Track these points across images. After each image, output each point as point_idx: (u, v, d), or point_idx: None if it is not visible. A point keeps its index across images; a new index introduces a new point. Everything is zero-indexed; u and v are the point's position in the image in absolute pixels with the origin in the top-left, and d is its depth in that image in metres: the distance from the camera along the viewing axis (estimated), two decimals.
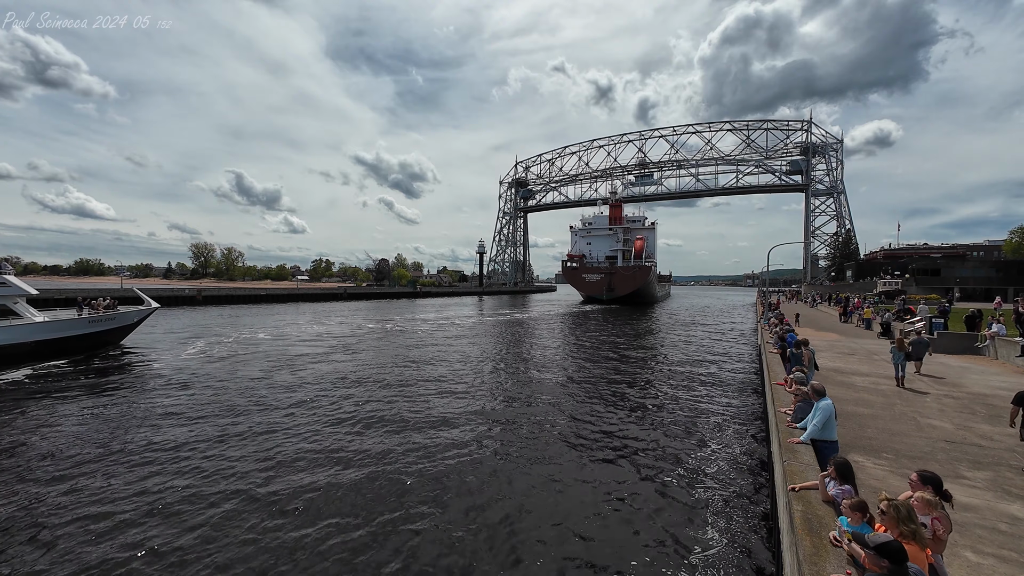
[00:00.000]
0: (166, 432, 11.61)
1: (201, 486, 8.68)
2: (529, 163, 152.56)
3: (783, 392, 10.08)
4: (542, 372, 20.70)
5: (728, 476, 9.66)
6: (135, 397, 14.87)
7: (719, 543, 7.16)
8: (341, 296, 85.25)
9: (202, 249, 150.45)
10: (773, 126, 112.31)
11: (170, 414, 13.08)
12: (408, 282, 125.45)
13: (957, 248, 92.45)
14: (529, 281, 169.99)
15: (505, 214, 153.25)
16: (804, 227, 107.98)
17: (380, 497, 8.44)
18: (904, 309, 27.81)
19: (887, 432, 8.28)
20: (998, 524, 5.14)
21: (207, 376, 18.06)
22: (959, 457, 7.15)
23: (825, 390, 7.26)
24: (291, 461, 9.93)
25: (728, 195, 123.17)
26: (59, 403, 14.12)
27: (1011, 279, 55.91)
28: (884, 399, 10.60)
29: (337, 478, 9.13)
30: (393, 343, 29.01)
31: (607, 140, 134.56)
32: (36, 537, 7.02)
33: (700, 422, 13.44)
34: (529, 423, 13.14)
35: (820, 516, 4.78)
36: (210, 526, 7.32)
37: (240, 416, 13.03)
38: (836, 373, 13.42)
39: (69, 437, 11.23)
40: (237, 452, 10.40)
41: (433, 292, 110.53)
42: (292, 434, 11.60)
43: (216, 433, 11.59)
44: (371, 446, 10.93)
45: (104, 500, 8.12)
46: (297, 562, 6.50)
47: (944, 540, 3.83)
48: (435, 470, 9.66)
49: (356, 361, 22.35)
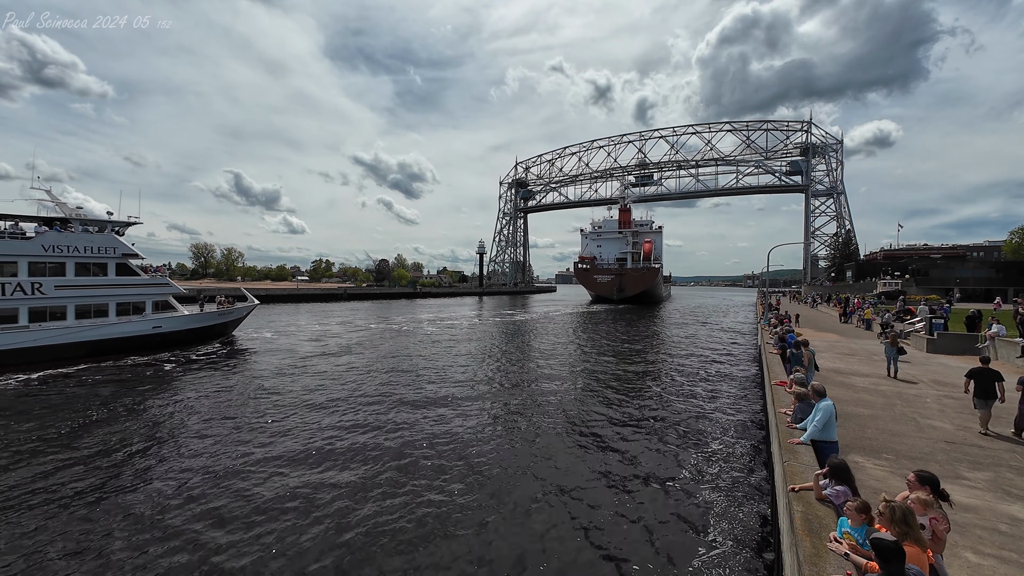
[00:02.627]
0: (278, 400, 15.49)
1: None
2: (529, 163, 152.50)
3: (783, 393, 10.08)
4: (551, 371, 20.72)
5: (729, 476, 9.65)
6: (255, 373, 19.71)
7: (720, 543, 7.16)
8: (341, 296, 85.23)
9: (202, 249, 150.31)
10: (773, 126, 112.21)
11: (277, 391, 16.84)
12: (408, 282, 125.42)
13: (957, 248, 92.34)
14: (529, 282, 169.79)
15: (505, 214, 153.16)
16: (804, 228, 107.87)
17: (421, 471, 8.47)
18: (904, 310, 27.79)
19: (887, 433, 8.27)
20: (998, 525, 5.14)
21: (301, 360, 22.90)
22: (959, 458, 7.14)
23: (825, 391, 7.27)
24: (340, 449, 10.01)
25: (728, 195, 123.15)
26: (210, 375, 19.21)
27: (1011, 280, 55.87)
28: (884, 400, 10.59)
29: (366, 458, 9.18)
30: (412, 342, 29.04)
31: (607, 140, 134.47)
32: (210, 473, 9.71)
33: (701, 422, 13.44)
34: (534, 422, 13.18)
35: (820, 517, 4.78)
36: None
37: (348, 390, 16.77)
38: (836, 374, 13.42)
39: (223, 400, 15.39)
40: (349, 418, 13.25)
41: (433, 292, 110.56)
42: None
43: (311, 401, 15.26)
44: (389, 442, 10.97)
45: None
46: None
47: (943, 540, 3.83)
48: (445, 459, 9.70)
49: (392, 361, 22.38)
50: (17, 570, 6.43)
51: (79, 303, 22.06)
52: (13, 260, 20.45)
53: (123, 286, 23.69)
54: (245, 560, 6.64)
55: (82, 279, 22.31)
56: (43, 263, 21.26)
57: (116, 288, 23.38)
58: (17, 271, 20.52)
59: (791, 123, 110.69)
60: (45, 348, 20.70)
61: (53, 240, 21.56)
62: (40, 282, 20.99)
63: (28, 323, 20.49)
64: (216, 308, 29.05)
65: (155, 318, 24.55)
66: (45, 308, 21.11)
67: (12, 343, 19.90)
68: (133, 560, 6.67)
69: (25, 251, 20.75)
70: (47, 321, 21.03)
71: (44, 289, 21.10)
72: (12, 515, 7.82)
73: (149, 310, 24.51)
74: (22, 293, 20.46)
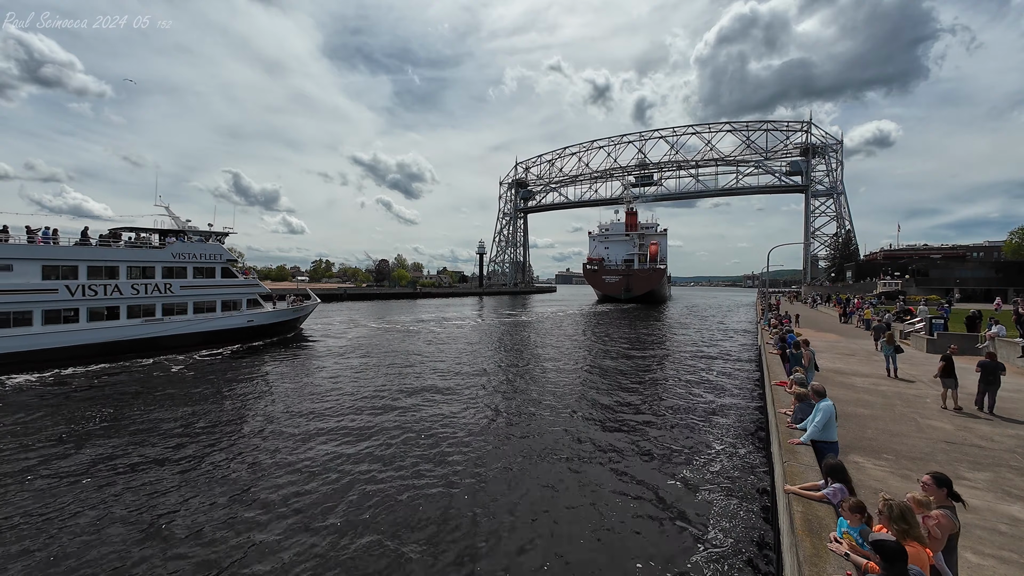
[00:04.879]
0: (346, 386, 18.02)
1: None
2: (529, 164, 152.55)
3: (783, 393, 10.09)
4: (559, 370, 20.74)
5: (729, 476, 9.65)
6: (319, 362, 22.99)
7: (720, 543, 7.16)
8: (341, 297, 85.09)
9: None
10: (773, 127, 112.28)
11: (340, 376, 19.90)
12: (408, 283, 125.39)
13: (957, 249, 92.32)
14: (529, 282, 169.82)
15: (505, 215, 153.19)
16: (804, 228, 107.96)
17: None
18: (904, 310, 27.79)
19: (887, 433, 8.28)
20: (998, 525, 5.14)
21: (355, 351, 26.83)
22: (959, 458, 7.14)
23: (825, 391, 7.27)
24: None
25: (728, 196, 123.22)
26: (291, 360, 23.59)
27: (1011, 280, 55.88)
28: (884, 400, 10.59)
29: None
30: (429, 341, 29.09)
31: (607, 141, 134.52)
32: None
33: (702, 422, 13.44)
34: (538, 421, 13.21)
35: (820, 517, 4.78)
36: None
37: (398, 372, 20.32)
38: (836, 374, 13.42)
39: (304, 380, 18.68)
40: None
41: (434, 293, 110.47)
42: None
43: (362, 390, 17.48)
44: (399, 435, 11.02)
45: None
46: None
47: (940, 539, 3.82)
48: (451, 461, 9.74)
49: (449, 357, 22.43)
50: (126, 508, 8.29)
51: (196, 300, 26.46)
52: (152, 265, 24.82)
53: (226, 286, 28.16)
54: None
55: (199, 281, 26.75)
56: (172, 267, 25.55)
57: (222, 288, 27.88)
58: (154, 274, 24.90)
59: (791, 123, 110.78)
60: (174, 337, 25.16)
61: (179, 249, 26.03)
62: (170, 283, 25.36)
63: (162, 316, 24.90)
64: (288, 306, 33.15)
65: (248, 313, 29.06)
66: (174, 304, 25.50)
67: (152, 332, 24.28)
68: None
69: (160, 258, 25.10)
70: (174, 315, 25.46)
71: (173, 289, 25.43)
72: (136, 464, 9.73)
73: (244, 307, 28.97)
74: (158, 292, 24.86)
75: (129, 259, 24.08)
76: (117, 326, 23.14)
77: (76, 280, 22.14)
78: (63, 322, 21.49)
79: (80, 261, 22.43)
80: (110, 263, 23.43)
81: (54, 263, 21.68)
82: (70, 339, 21.47)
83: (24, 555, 6.71)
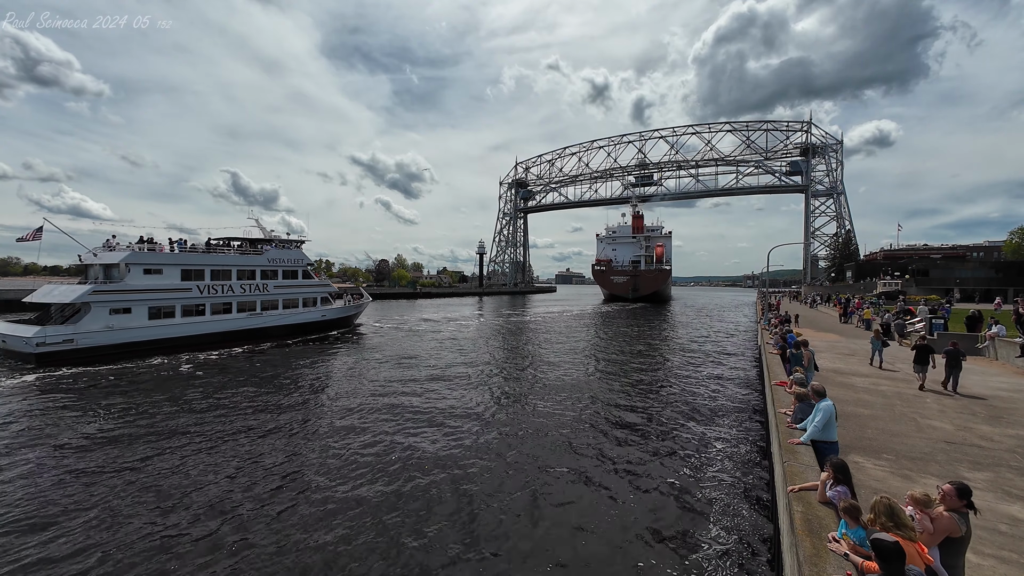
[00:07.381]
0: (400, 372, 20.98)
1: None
2: (529, 164, 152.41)
3: (783, 393, 10.08)
4: (560, 370, 20.73)
5: (729, 476, 9.65)
6: (372, 353, 26.33)
7: (720, 543, 7.16)
8: (341, 297, 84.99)
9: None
10: (772, 127, 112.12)
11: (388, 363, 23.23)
12: (408, 283, 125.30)
13: (957, 249, 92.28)
14: (529, 282, 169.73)
15: (505, 215, 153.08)
16: (804, 228, 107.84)
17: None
18: (904, 310, 27.77)
19: (887, 433, 8.27)
20: (998, 525, 5.14)
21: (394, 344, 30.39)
22: (959, 458, 7.14)
23: (825, 391, 7.27)
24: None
25: (728, 196, 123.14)
26: (353, 349, 27.67)
27: (1011, 280, 55.83)
28: (884, 400, 10.59)
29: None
30: (448, 338, 29.13)
31: (607, 141, 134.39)
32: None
33: (702, 422, 13.44)
34: (541, 421, 13.22)
35: (820, 517, 4.78)
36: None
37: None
38: (836, 374, 13.41)
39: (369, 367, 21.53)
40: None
41: (434, 293, 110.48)
42: None
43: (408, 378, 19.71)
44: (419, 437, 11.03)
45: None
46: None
47: (933, 535, 3.80)
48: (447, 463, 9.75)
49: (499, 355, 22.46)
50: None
51: (284, 298, 31.56)
52: (253, 269, 29.83)
53: (306, 286, 33.45)
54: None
55: (287, 281, 31.90)
56: (267, 270, 30.62)
57: (303, 288, 33.16)
58: (255, 276, 29.88)
59: (791, 123, 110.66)
60: (270, 328, 30.25)
61: (274, 255, 31.33)
62: (266, 284, 30.41)
63: (261, 311, 29.79)
64: (344, 303, 38.07)
65: (322, 309, 34.44)
66: (269, 301, 30.48)
67: (253, 324, 29.18)
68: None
69: (259, 263, 30.26)
70: (269, 311, 30.40)
71: (268, 288, 30.44)
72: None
73: (319, 303, 34.30)
74: (257, 291, 29.80)
75: (239, 263, 29.05)
76: (231, 318, 28.02)
77: (204, 281, 27.03)
78: (196, 315, 26.34)
79: (206, 266, 27.24)
80: (226, 267, 28.28)
81: (188, 267, 26.50)
82: (199, 328, 26.23)
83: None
